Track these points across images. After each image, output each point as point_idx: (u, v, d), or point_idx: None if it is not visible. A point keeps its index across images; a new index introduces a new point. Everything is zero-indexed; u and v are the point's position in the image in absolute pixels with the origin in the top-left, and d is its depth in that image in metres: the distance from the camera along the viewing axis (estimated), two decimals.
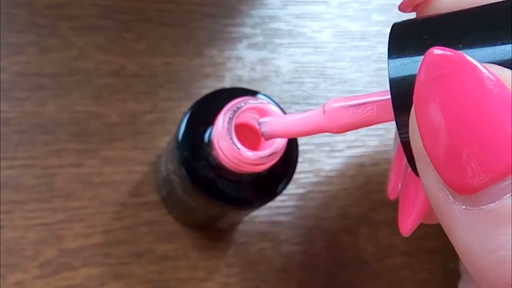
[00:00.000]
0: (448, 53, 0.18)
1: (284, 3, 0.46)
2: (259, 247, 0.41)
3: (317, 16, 0.47)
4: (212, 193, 0.32)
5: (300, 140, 0.34)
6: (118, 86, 0.41)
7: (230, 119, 0.28)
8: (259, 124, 0.25)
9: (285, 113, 0.31)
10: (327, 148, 0.44)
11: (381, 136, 0.45)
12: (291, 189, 0.42)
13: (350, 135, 0.45)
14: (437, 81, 0.18)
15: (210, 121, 0.30)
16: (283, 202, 0.42)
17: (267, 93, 0.35)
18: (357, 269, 0.43)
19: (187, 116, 0.32)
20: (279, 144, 0.28)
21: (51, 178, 0.39)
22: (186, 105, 0.34)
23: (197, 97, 0.34)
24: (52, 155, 0.39)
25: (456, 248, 0.19)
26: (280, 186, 0.33)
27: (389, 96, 0.20)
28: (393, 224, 0.43)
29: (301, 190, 0.43)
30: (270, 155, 0.28)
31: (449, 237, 0.19)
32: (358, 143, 0.45)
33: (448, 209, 0.19)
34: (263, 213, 0.42)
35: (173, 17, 0.44)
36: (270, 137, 0.25)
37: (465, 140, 0.17)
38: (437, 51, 0.18)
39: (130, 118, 0.41)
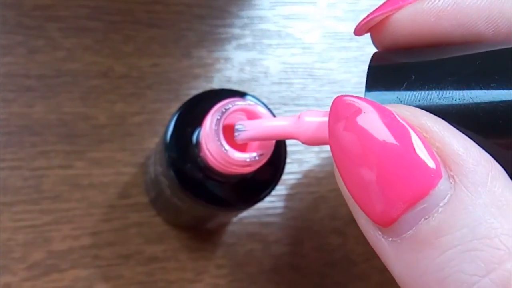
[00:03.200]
0: (352, 98, 0.19)
1: (273, 4, 0.46)
2: (248, 248, 0.41)
3: (306, 17, 0.47)
4: (200, 195, 0.32)
5: (289, 141, 0.34)
6: (106, 88, 0.41)
7: (218, 120, 0.28)
8: (236, 129, 0.26)
9: (273, 114, 0.31)
10: (316, 149, 0.44)
11: None
12: (280, 190, 0.42)
13: None
14: (343, 123, 0.19)
15: (198, 122, 0.30)
16: (272, 203, 0.42)
17: (256, 94, 0.36)
18: (345, 270, 0.43)
19: (175, 118, 0.32)
20: (267, 145, 0.28)
21: (39, 179, 0.39)
22: (174, 107, 0.34)
23: (186, 98, 0.34)
24: (39, 157, 0.39)
25: (397, 282, 0.19)
26: (268, 188, 0.33)
27: None
28: None
29: (290, 191, 0.43)
30: (258, 156, 0.28)
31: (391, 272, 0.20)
32: None
33: (379, 244, 0.19)
34: (252, 214, 0.42)
35: (161, 18, 0.43)
36: (243, 140, 0.27)
37: (374, 173, 0.18)
38: (344, 97, 0.19)
39: (118, 120, 0.41)
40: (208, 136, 0.28)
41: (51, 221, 0.38)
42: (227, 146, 0.28)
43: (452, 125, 0.19)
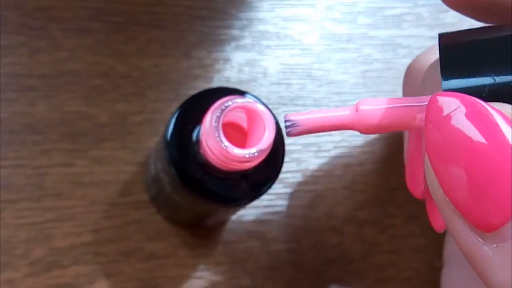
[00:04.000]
0: (450, 97, 0.19)
1: (272, 6, 0.47)
2: (247, 245, 0.42)
3: (304, 18, 0.47)
4: (200, 191, 0.33)
5: (287, 140, 0.34)
6: (107, 87, 0.42)
7: (218, 117, 0.28)
8: (285, 121, 0.24)
9: (272, 113, 0.31)
10: (314, 148, 0.45)
11: (367, 136, 0.46)
12: (279, 188, 0.43)
13: (336, 135, 0.45)
14: (445, 125, 0.19)
15: (198, 120, 0.31)
16: (271, 201, 0.43)
17: (255, 94, 0.36)
18: (343, 267, 0.43)
19: (176, 116, 0.33)
20: (266, 142, 0.29)
21: (41, 177, 0.39)
22: (174, 106, 0.35)
23: (186, 98, 0.34)
24: (42, 155, 0.39)
25: None
26: (267, 184, 0.34)
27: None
28: (378, 223, 0.44)
29: (288, 190, 0.43)
30: (257, 152, 0.29)
31: (485, 283, 0.19)
32: (345, 143, 0.45)
33: (480, 252, 0.19)
34: (251, 212, 0.42)
35: (162, 20, 0.44)
36: (296, 135, 0.24)
37: (483, 176, 0.18)
38: (440, 97, 0.19)
39: (119, 119, 0.41)
40: (208, 133, 0.29)
41: (52, 219, 0.39)
42: (226, 143, 0.29)
43: None
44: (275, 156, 0.33)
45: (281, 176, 0.34)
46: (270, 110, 0.31)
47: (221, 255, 0.41)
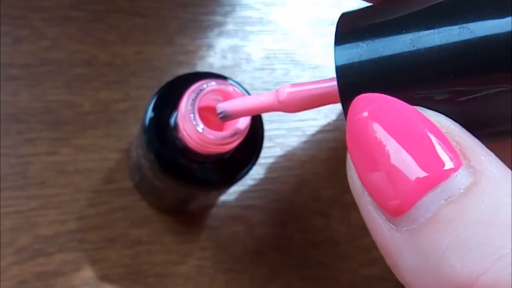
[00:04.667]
0: (370, 95, 0.19)
1: None
2: (232, 230, 0.42)
3: (288, 3, 0.48)
4: (180, 176, 0.33)
5: (271, 125, 0.35)
6: (90, 75, 0.42)
7: (193, 100, 0.28)
8: (218, 111, 0.27)
9: (249, 95, 0.31)
10: (299, 133, 0.45)
11: None
12: (264, 173, 0.43)
13: (321, 120, 0.45)
14: (365, 118, 0.19)
15: (175, 105, 0.31)
16: (256, 186, 0.43)
17: (238, 80, 0.36)
18: (329, 250, 0.43)
19: (153, 101, 0.33)
20: (242, 124, 0.29)
21: (25, 166, 0.39)
22: None
23: None
24: (25, 144, 0.40)
25: (406, 280, 0.19)
26: (247, 167, 0.34)
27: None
28: None
29: (273, 174, 0.44)
30: (233, 135, 0.29)
31: (397, 272, 0.19)
32: (330, 127, 0.46)
33: (392, 238, 0.19)
34: (235, 197, 0.42)
35: (144, 7, 0.44)
36: (227, 118, 0.27)
37: (394, 157, 0.19)
38: (366, 94, 0.19)
39: (102, 107, 0.41)
40: (184, 117, 0.29)
41: (37, 207, 0.39)
42: (202, 126, 0.29)
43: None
44: (254, 139, 0.33)
45: (265, 161, 0.35)
46: (248, 93, 0.31)
47: (206, 240, 0.41)
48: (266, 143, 0.35)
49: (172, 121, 0.32)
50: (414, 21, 0.19)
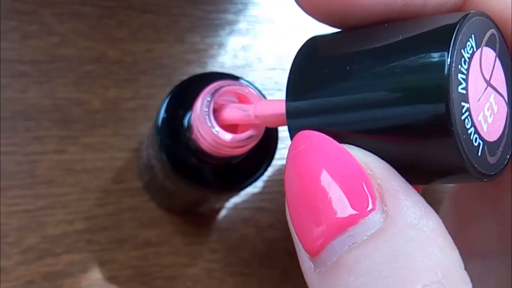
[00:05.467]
0: (310, 132, 0.20)
1: None
2: (242, 233, 0.41)
3: None
4: (192, 178, 0.32)
5: (284, 127, 0.34)
6: (100, 73, 0.41)
7: (208, 102, 0.28)
8: None
9: (264, 97, 0.31)
10: None
11: None
12: (275, 175, 0.43)
13: None
14: (296, 154, 0.20)
15: (189, 105, 0.30)
16: (266, 189, 0.42)
17: (249, 79, 0.35)
18: None
19: (167, 101, 0.32)
20: (257, 127, 0.29)
21: (33, 164, 0.39)
22: (168, 92, 0.34)
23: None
24: (34, 142, 0.39)
25: None
26: (260, 170, 0.33)
27: None
28: None
29: (283, 177, 0.43)
30: (248, 138, 0.28)
31: None
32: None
33: (311, 277, 0.20)
34: (246, 199, 0.42)
35: (154, 4, 0.43)
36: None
37: (311, 200, 0.19)
38: (303, 131, 0.21)
39: (112, 105, 0.41)
40: (199, 118, 0.28)
41: (45, 206, 0.38)
42: (217, 128, 0.28)
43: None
44: (268, 142, 0.33)
45: (276, 162, 0.34)
46: (263, 95, 0.31)
47: (216, 242, 0.41)
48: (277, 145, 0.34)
49: (185, 122, 0.31)
50: (346, 74, 0.20)
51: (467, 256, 0.32)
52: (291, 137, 0.21)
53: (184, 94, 0.32)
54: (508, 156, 0.20)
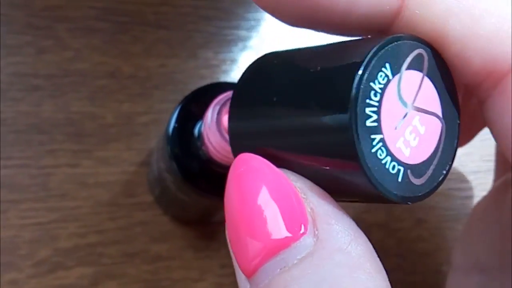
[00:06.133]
0: (246, 155, 0.21)
1: None
2: None
3: None
4: (204, 187, 0.32)
5: None
6: (113, 88, 0.41)
7: (219, 111, 0.28)
8: None
9: None
10: None
11: None
12: None
13: None
14: (235, 176, 0.21)
15: (199, 115, 0.31)
16: None
17: None
18: None
19: (177, 111, 0.33)
20: None
21: (46, 178, 0.39)
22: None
23: None
24: (47, 155, 0.39)
25: None
26: None
27: None
28: (386, 226, 0.44)
29: None
30: None
31: None
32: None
33: None
34: None
35: (169, 20, 0.44)
36: None
37: (242, 224, 0.20)
38: (244, 154, 0.21)
39: (125, 119, 0.41)
40: (210, 128, 0.28)
41: (57, 219, 0.39)
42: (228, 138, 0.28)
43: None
44: None
45: None
46: None
47: (226, 257, 0.41)
48: None
49: (196, 131, 0.32)
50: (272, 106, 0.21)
51: (470, 268, 0.33)
52: (234, 157, 0.22)
53: (194, 104, 0.33)
54: (444, 172, 0.21)
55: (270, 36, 0.46)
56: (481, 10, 0.20)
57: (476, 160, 0.46)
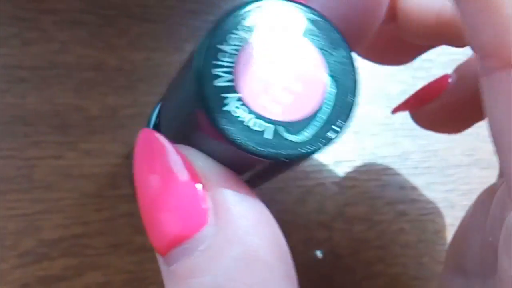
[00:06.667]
0: (148, 133, 0.23)
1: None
2: None
3: None
4: None
5: None
6: (98, 80, 0.42)
7: None
8: None
9: None
10: None
11: (357, 133, 0.46)
12: (268, 183, 0.43)
13: None
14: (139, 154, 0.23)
15: None
16: (260, 196, 0.43)
17: None
18: (332, 263, 0.43)
19: (158, 108, 0.33)
20: None
21: (31, 169, 0.39)
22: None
23: None
24: (32, 147, 0.39)
25: None
26: None
27: None
28: (367, 219, 0.44)
29: (277, 185, 0.44)
30: None
31: None
32: (335, 140, 0.46)
33: (164, 274, 0.22)
34: None
35: (154, 13, 0.44)
36: None
37: (152, 206, 0.21)
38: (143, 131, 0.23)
39: (110, 112, 0.41)
40: None
41: (42, 210, 0.39)
42: None
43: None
44: None
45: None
46: None
47: None
48: None
49: None
50: None
51: (456, 269, 0.33)
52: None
53: None
54: (335, 128, 0.22)
55: None
56: None
57: (458, 154, 0.47)
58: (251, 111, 0.19)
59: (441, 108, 0.35)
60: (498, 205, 0.26)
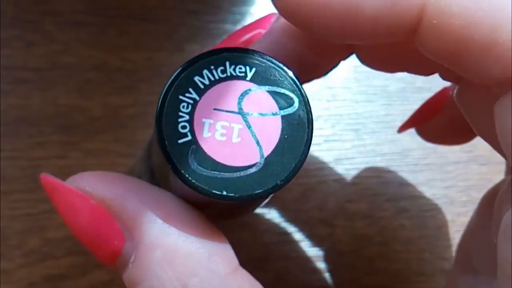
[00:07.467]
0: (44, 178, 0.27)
1: (265, 0, 0.47)
2: (237, 237, 0.42)
3: None
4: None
5: None
6: (101, 80, 0.42)
7: None
8: None
9: None
10: None
11: (357, 131, 0.46)
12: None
13: (327, 130, 0.46)
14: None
15: None
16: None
17: None
18: (333, 260, 0.44)
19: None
20: None
21: (35, 169, 0.40)
22: None
23: None
24: (36, 147, 0.40)
25: None
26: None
27: None
28: (368, 215, 0.45)
29: None
30: None
31: None
32: (335, 137, 0.46)
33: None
34: None
35: (155, 13, 0.44)
36: None
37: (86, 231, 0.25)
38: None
39: (112, 112, 0.42)
40: None
41: (47, 210, 0.39)
42: None
43: None
44: None
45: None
46: None
47: None
48: None
49: None
50: None
51: (463, 267, 0.33)
52: None
53: None
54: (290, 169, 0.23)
55: None
56: (500, 19, 0.20)
57: (457, 150, 0.47)
58: (211, 161, 0.22)
59: (446, 121, 0.36)
60: (498, 206, 0.26)
